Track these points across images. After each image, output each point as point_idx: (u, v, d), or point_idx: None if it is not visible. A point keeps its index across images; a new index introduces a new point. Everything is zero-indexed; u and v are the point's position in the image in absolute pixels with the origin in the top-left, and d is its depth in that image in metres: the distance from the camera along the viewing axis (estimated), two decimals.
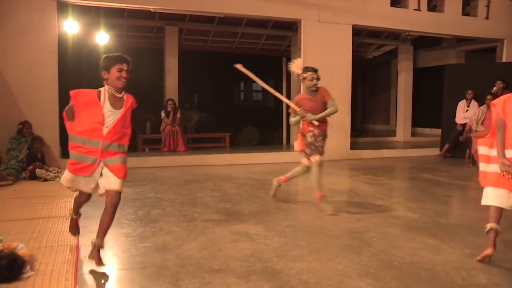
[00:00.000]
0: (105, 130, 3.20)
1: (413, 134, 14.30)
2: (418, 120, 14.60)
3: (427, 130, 15.21)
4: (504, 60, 11.19)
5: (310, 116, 5.00)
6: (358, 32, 11.26)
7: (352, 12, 9.66)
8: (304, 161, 5.20)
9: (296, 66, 5.25)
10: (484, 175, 3.52)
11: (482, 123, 8.85)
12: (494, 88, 8.94)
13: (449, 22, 10.63)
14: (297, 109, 5.09)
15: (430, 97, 14.47)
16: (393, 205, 5.41)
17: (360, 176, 7.66)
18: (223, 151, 9.91)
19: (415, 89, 13.87)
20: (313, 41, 9.33)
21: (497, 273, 3.19)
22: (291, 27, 11.40)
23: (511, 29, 11.19)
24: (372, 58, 15.94)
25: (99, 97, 3.21)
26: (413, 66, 13.89)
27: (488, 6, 10.94)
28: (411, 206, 5.33)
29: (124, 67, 3.21)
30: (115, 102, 3.25)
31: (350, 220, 4.66)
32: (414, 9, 10.31)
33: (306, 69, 5.09)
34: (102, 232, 3.21)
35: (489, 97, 8.59)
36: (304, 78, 5.10)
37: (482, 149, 3.58)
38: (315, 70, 5.06)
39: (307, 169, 5.22)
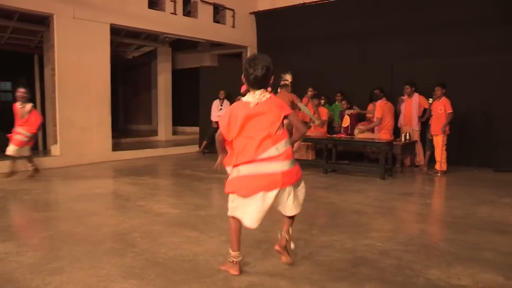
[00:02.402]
0: None
1: (175, 132, 14.94)
2: (179, 119, 15.30)
3: (188, 129, 16.06)
4: None
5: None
6: (117, 31, 11.10)
7: (110, 11, 9.44)
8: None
9: (290, 78, 7.16)
10: None
11: None
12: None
13: (202, 27, 11.45)
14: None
15: (189, 97, 15.35)
16: (156, 203, 5.56)
17: (123, 177, 7.60)
18: None
19: (174, 89, 14.48)
20: (68, 39, 8.76)
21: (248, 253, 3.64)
22: (43, 21, 10.38)
23: (253, 38, 12.79)
24: (132, 58, 15.93)
25: None
26: (172, 67, 14.47)
27: (233, 16, 12.22)
28: (174, 203, 5.58)
29: None
30: None
31: (113, 222, 4.60)
32: (171, 13, 10.74)
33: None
34: None
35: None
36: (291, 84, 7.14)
37: None
38: None
39: None
